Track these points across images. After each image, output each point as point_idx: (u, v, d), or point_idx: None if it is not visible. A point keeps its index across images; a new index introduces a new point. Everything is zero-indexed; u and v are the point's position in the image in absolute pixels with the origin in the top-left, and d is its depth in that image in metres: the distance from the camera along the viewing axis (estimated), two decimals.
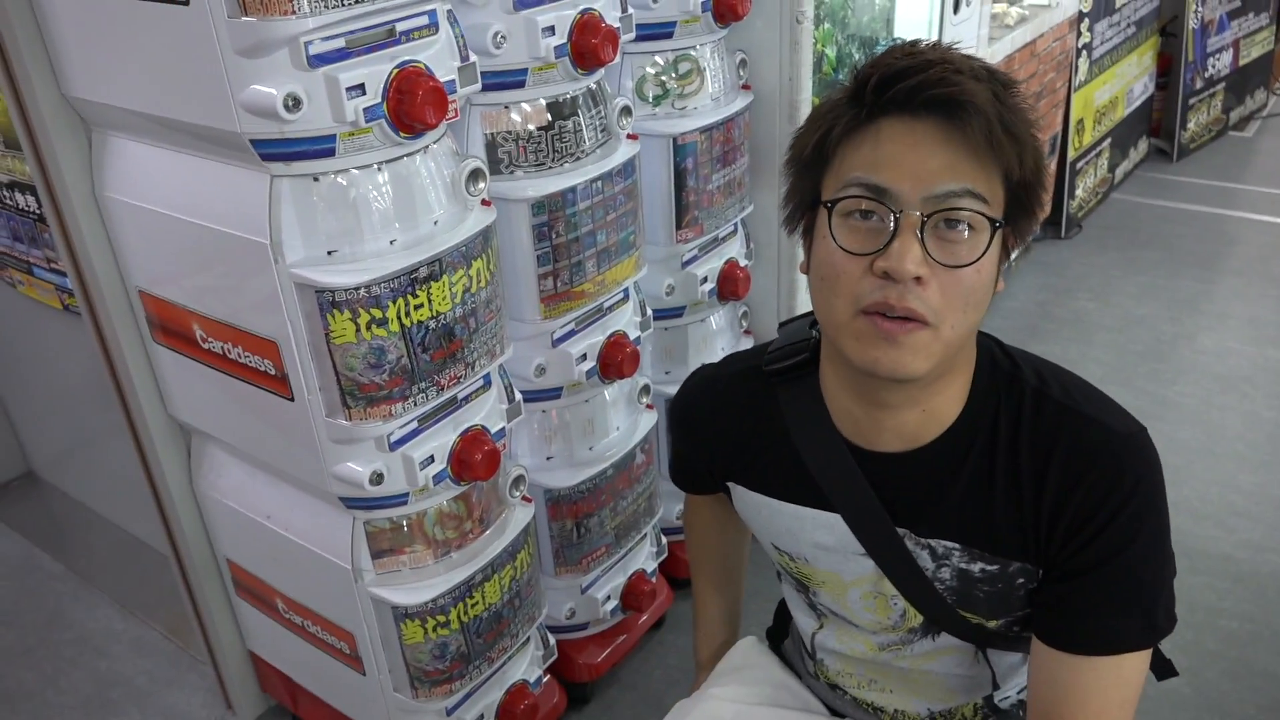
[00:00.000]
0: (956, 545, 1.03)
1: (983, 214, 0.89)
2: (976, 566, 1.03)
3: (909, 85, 0.87)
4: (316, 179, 1.33)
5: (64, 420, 2.71)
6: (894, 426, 1.01)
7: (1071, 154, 3.99)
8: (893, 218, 0.88)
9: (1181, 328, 3.48)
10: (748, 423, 1.12)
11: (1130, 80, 4.48)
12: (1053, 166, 3.90)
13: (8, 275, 2.44)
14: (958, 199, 0.88)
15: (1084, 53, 3.89)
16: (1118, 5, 4.12)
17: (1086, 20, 3.83)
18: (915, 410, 0.99)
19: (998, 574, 1.02)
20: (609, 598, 2.10)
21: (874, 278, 0.89)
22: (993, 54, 3.01)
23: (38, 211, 2.19)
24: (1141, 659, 0.98)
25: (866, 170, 0.90)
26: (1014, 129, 0.89)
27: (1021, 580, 1.02)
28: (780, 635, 1.41)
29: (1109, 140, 4.36)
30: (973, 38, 2.84)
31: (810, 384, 1.08)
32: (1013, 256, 0.97)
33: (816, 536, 1.10)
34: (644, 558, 2.19)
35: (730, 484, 1.18)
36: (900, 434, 1.02)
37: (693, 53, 1.95)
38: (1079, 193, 4.17)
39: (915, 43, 0.93)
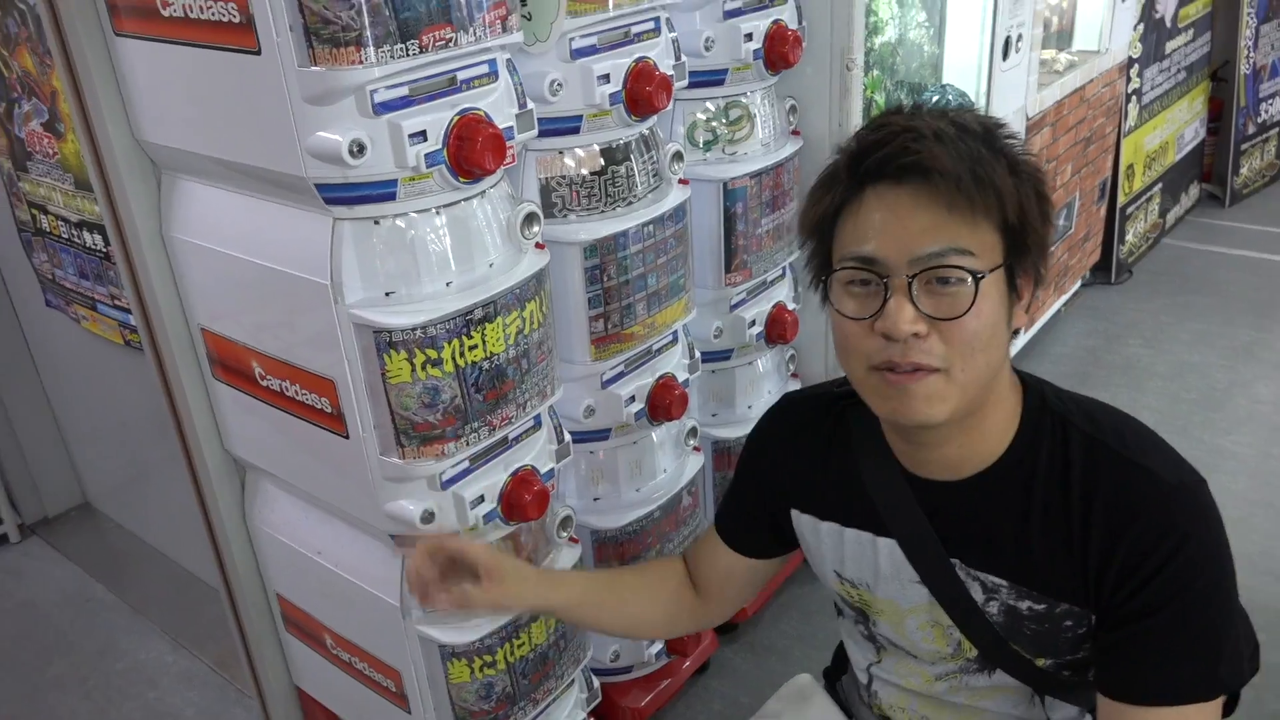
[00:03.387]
0: (1004, 582, 1.04)
1: (964, 267, 0.93)
2: (1024, 604, 1.04)
3: (877, 159, 0.95)
4: (377, 222, 1.36)
5: (120, 453, 2.77)
6: (936, 459, 1.06)
7: (1121, 199, 3.96)
8: (883, 280, 0.95)
9: (1237, 376, 3.42)
10: (820, 443, 1.16)
11: (1181, 125, 4.44)
12: (1102, 212, 3.87)
13: (73, 311, 2.51)
14: (942, 258, 0.93)
15: (1134, 98, 3.87)
16: (1168, 51, 4.10)
17: (1136, 66, 3.81)
18: (952, 445, 1.04)
19: (1044, 613, 1.03)
20: (654, 641, 2.09)
21: (878, 338, 0.96)
22: (1041, 100, 3.01)
23: (104, 250, 2.25)
24: (1208, 711, 0.96)
25: (857, 242, 0.97)
26: (988, 179, 0.93)
27: (1069, 623, 1.02)
28: (836, 674, 1.42)
29: (1160, 185, 4.32)
30: (1021, 84, 2.85)
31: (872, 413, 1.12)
32: (1032, 295, 1.01)
33: (877, 562, 1.12)
34: None
35: (794, 512, 1.21)
36: (944, 465, 1.06)
37: (743, 99, 1.97)
38: (1129, 238, 4.13)
39: (897, 109, 1.00)
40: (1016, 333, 1.04)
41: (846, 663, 1.37)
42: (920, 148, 0.93)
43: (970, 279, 0.93)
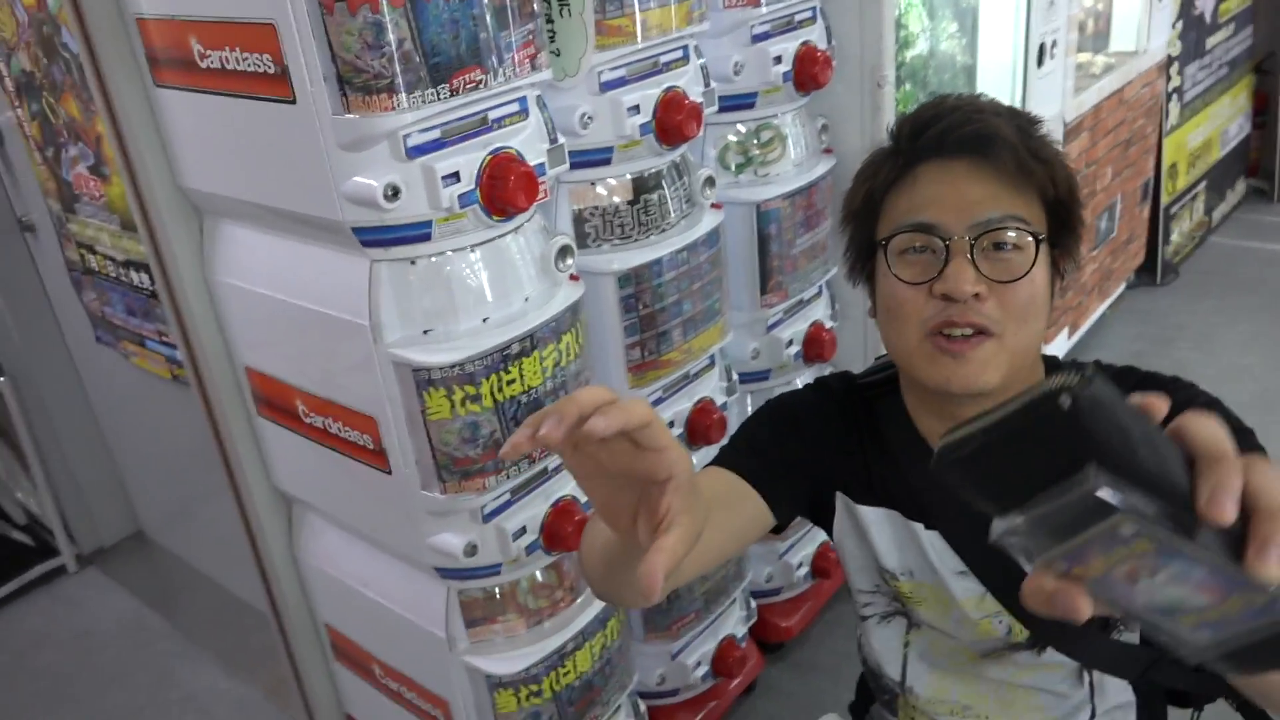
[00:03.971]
0: None
1: (1026, 231, 0.97)
2: None
3: (938, 130, 0.98)
4: (413, 262, 1.38)
5: (172, 483, 2.83)
6: None
7: (1165, 199, 3.89)
8: (944, 245, 0.97)
9: None
10: (858, 430, 1.15)
11: (1224, 121, 4.35)
12: (1145, 213, 3.81)
13: (122, 347, 2.57)
14: (1001, 223, 0.96)
15: (1174, 97, 3.80)
16: (1209, 47, 4.03)
17: (1176, 64, 3.75)
18: None
19: None
20: (699, 663, 2.08)
21: (935, 301, 0.97)
22: (1079, 104, 2.97)
23: (150, 288, 2.30)
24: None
25: (913, 212, 0.99)
26: (1040, 153, 0.98)
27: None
28: (862, 709, 1.39)
29: (1204, 183, 4.24)
30: (1057, 90, 2.81)
31: (899, 400, 1.12)
32: (1065, 277, 1.05)
33: (923, 550, 1.11)
34: (734, 623, 2.17)
35: (840, 496, 1.16)
36: None
37: (774, 121, 1.97)
38: (1174, 238, 4.06)
39: (943, 96, 1.04)
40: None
41: (871, 696, 1.34)
42: (981, 119, 0.97)
43: (1032, 241, 0.97)
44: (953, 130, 0.97)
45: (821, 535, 2.39)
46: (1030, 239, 0.96)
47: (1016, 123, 0.98)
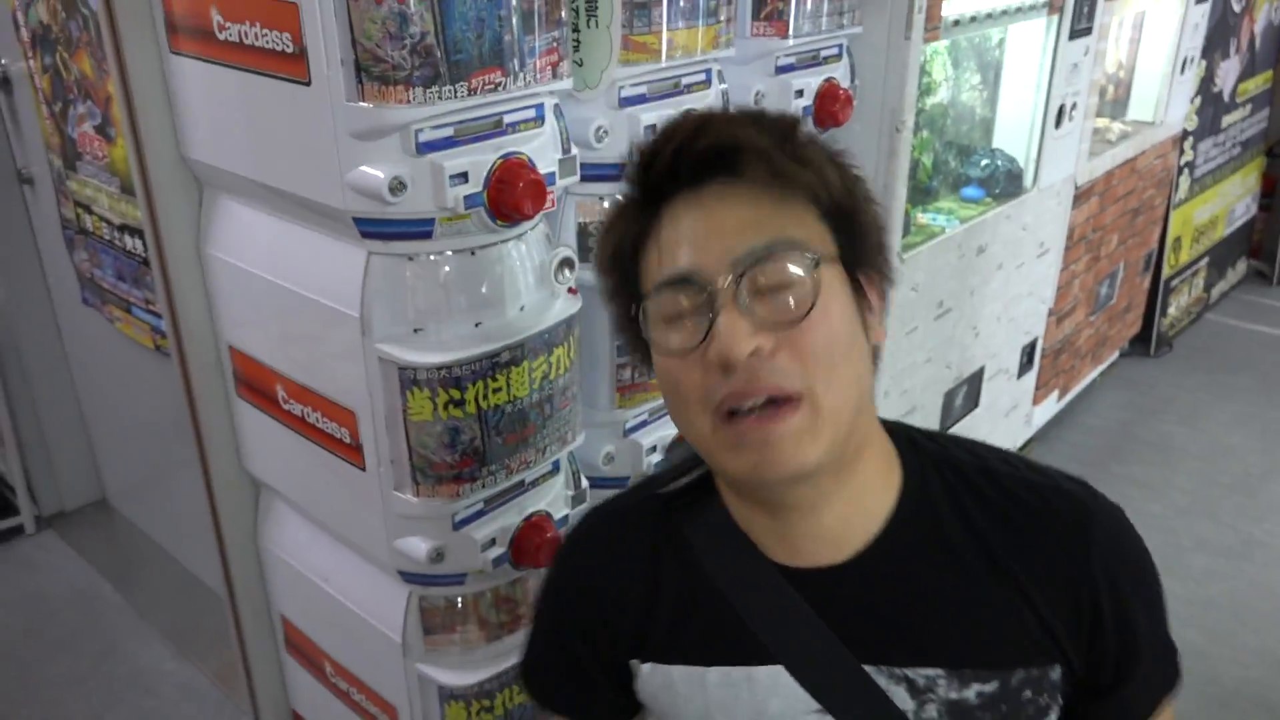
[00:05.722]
0: (940, 671, 0.84)
1: (802, 254, 0.78)
2: (972, 691, 0.83)
3: (669, 155, 0.80)
4: (411, 258, 1.35)
5: (141, 453, 2.78)
6: (816, 532, 0.85)
7: (1166, 271, 3.90)
8: (705, 295, 0.78)
9: (1274, 461, 3.33)
10: (651, 565, 0.91)
11: (1232, 200, 4.38)
12: (1145, 283, 3.82)
13: (107, 311, 2.53)
14: (770, 250, 0.77)
15: (1185, 170, 3.82)
16: (1224, 125, 4.05)
17: (1191, 139, 3.76)
18: (830, 511, 0.84)
19: (998, 694, 0.83)
20: None
21: (715, 372, 0.77)
22: (1092, 169, 2.97)
23: (143, 255, 2.27)
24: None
25: (664, 263, 0.81)
26: (802, 155, 0.80)
27: (1028, 694, 0.84)
28: None
29: (1206, 259, 4.26)
30: (1072, 152, 2.81)
31: (715, 504, 0.91)
32: (883, 302, 0.87)
33: (759, 702, 0.87)
34: None
35: (636, 664, 0.93)
36: (824, 541, 0.85)
37: None
38: (1172, 311, 4.07)
39: (684, 114, 0.84)
40: (878, 353, 0.87)
41: None
42: (716, 129, 0.79)
43: (810, 266, 0.77)
44: (686, 150, 0.79)
45: None
46: (809, 262, 0.77)
47: (770, 126, 0.81)
